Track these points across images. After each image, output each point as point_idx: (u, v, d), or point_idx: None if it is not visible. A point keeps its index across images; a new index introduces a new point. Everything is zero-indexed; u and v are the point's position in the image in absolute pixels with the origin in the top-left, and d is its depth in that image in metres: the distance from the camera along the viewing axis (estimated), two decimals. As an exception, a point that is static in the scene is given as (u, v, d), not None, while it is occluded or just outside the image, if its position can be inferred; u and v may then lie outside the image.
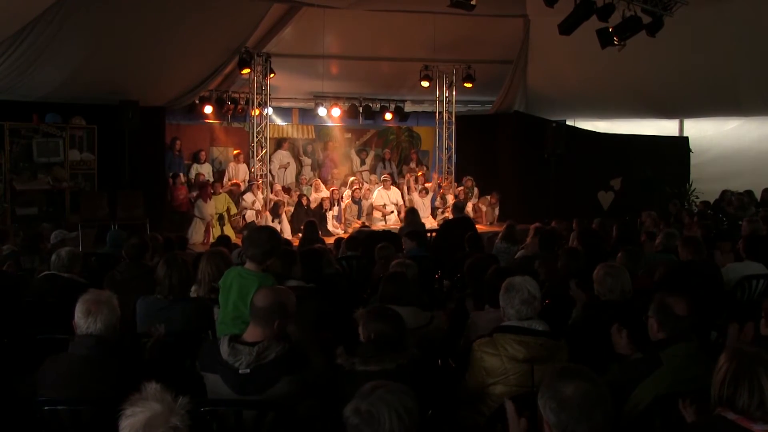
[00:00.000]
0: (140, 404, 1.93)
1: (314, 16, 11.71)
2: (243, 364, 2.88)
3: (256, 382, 2.87)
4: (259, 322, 3.06)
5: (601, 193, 13.81)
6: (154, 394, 1.95)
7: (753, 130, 13.91)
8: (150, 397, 1.94)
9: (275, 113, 14.59)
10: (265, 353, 2.91)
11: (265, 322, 3.04)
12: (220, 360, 2.93)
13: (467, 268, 4.94)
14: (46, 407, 2.83)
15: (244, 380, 2.87)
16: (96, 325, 3.01)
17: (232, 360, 2.91)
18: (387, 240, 7.71)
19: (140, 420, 1.91)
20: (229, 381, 2.90)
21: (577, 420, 2.05)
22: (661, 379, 2.89)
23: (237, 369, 2.88)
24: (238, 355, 2.91)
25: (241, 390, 2.87)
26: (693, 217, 8.93)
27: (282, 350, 2.94)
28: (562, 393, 2.08)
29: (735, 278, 5.35)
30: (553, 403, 2.08)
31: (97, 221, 10.53)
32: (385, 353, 3.01)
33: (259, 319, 3.06)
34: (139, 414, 1.92)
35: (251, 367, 2.88)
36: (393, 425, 1.99)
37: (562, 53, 12.32)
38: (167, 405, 1.93)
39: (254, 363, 2.89)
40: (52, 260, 5.03)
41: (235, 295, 3.77)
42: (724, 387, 2.25)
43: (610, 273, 4.10)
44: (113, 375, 2.93)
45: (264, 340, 2.97)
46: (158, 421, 1.89)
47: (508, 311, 3.35)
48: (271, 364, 2.89)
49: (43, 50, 9.59)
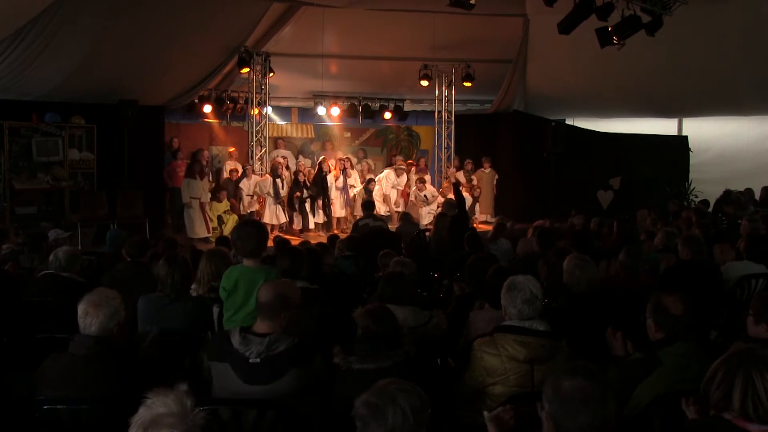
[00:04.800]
0: (161, 399, 1.94)
1: (313, 15, 11.72)
2: (254, 353, 2.94)
3: (265, 373, 2.92)
4: (265, 316, 3.11)
5: (600, 193, 13.82)
6: (177, 394, 1.95)
7: (752, 129, 13.91)
8: (172, 396, 1.95)
9: (274, 112, 14.58)
10: (275, 345, 2.96)
11: (270, 316, 3.09)
12: (231, 349, 2.97)
13: (467, 268, 4.94)
14: (45, 406, 2.83)
15: (253, 370, 2.92)
16: (96, 325, 3.01)
17: (243, 349, 2.96)
18: (386, 239, 7.74)
19: (152, 413, 1.92)
20: (238, 370, 2.94)
21: (566, 414, 2.10)
22: (661, 379, 2.90)
23: (247, 358, 2.93)
24: (249, 344, 2.97)
25: (249, 379, 2.92)
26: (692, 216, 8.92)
27: (291, 344, 2.99)
28: (561, 386, 2.14)
29: (735, 277, 5.34)
30: (550, 394, 2.16)
31: (96, 220, 10.54)
32: (380, 351, 3.02)
33: (264, 313, 3.11)
34: (154, 407, 1.93)
35: (261, 357, 2.93)
36: (396, 422, 2.03)
37: (562, 52, 12.33)
38: (181, 410, 1.93)
39: (264, 353, 2.94)
40: (51, 260, 5.02)
41: (242, 294, 3.79)
42: (719, 387, 2.25)
43: (579, 265, 4.28)
44: (113, 375, 2.93)
45: (273, 333, 3.01)
46: (166, 422, 1.90)
47: (509, 310, 3.34)
48: (280, 356, 2.94)
49: (43, 49, 9.58)
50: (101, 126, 11.23)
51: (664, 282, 4.97)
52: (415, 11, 11.85)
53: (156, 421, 1.90)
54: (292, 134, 14.92)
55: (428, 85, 13.53)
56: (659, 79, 12.10)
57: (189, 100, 12.90)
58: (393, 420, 2.03)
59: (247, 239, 3.91)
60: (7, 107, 10.60)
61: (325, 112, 14.08)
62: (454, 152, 14.54)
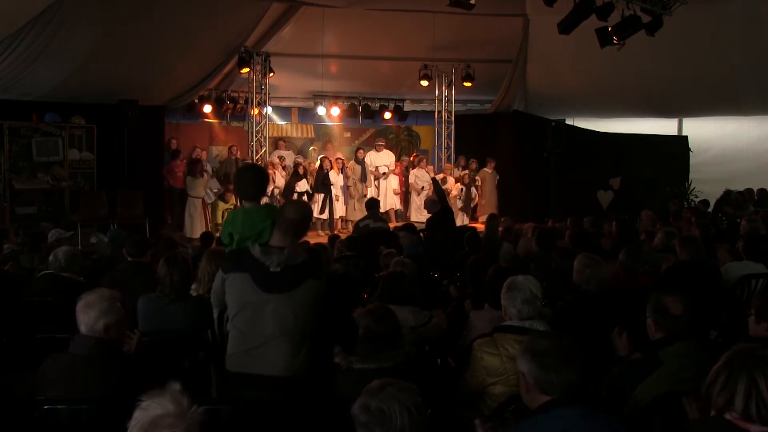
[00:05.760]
0: (156, 400, 1.93)
1: (313, 15, 11.72)
2: (274, 263, 3.13)
3: (284, 281, 3.12)
4: (288, 232, 3.26)
5: (600, 193, 13.81)
6: (172, 394, 1.95)
7: (752, 129, 13.91)
8: (167, 396, 1.94)
9: (274, 112, 14.58)
10: (293, 257, 3.17)
11: (294, 233, 3.28)
12: (252, 260, 3.16)
13: (467, 267, 4.94)
14: (45, 407, 2.83)
15: (273, 278, 3.12)
16: (96, 325, 3.01)
17: (264, 259, 3.15)
18: (386, 238, 7.73)
19: (149, 416, 1.91)
20: (258, 279, 3.14)
21: (547, 370, 2.29)
22: (661, 379, 2.90)
23: (268, 267, 3.13)
24: (269, 255, 3.15)
25: (268, 287, 3.12)
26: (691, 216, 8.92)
27: (307, 257, 3.22)
28: (538, 346, 2.36)
29: (734, 277, 5.34)
30: (529, 355, 2.35)
31: (96, 220, 10.53)
32: (381, 351, 3.03)
33: (289, 230, 3.27)
34: (150, 409, 1.92)
35: (282, 266, 3.13)
36: (404, 422, 2.01)
37: (562, 52, 12.33)
38: (179, 409, 1.93)
39: (284, 263, 3.13)
40: (51, 260, 5.02)
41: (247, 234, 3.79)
42: (721, 388, 2.24)
43: (590, 264, 4.22)
44: (113, 375, 2.92)
45: (290, 248, 3.20)
46: (165, 422, 1.89)
47: (509, 310, 3.34)
48: (299, 266, 3.16)
49: (43, 49, 9.58)
50: (101, 126, 11.23)
51: (663, 282, 4.96)
52: (415, 11, 11.84)
53: (155, 422, 1.89)
54: (292, 134, 14.92)
55: (428, 85, 13.52)
56: (659, 79, 12.10)
57: (189, 100, 12.89)
58: (401, 421, 2.01)
59: (246, 183, 3.98)
60: (7, 107, 10.60)
61: (325, 112, 14.07)
62: (454, 152, 14.54)
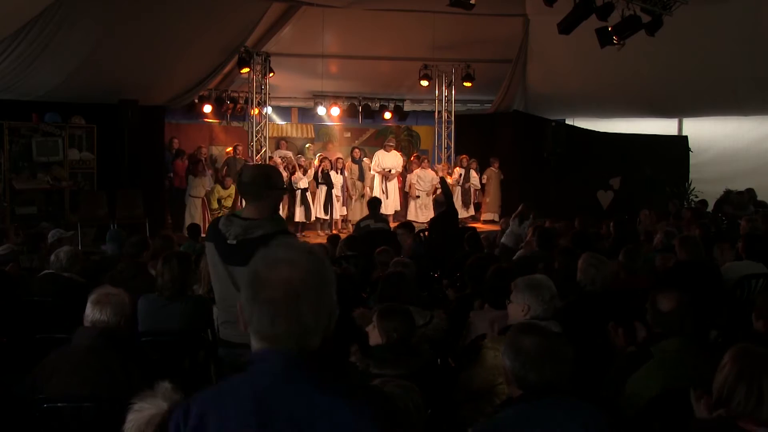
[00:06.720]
0: (149, 400, 1.94)
1: (313, 15, 11.71)
2: (231, 235, 3.08)
3: (239, 254, 2.98)
4: (249, 197, 3.25)
5: (600, 193, 13.81)
6: (164, 392, 1.95)
7: (752, 129, 13.90)
8: (160, 395, 1.95)
9: (274, 112, 14.58)
10: (253, 230, 3.07)
11: (253, 196, 3.21)
12: (216, 230, 3.16)
13: (467, 267, 4.94)
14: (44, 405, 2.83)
15: (230, 250, 3.08)
16: (101, 317, 3.03)
17: (224, 230, 3.12)
18: (385, 238, 7.73)
19: (145, 416, 1.92)
20: (220, 250, 3.14)
21: (529, 368, 2.30)
22: (652, 373, 2.93)
23: (226, 239, 3.10)
24: (230, 226, 3.12)
25: (227, 259, 3.10)
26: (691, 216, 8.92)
27: (269, 231, 3.06)
28: (520, 343, 2.36)
29: (735, 277, 5.35)
30: (511, 352, 2.36)
31: (96, 220, 10.53)
32: (401, 358, 3.05)
33: (248, 194, 3.26)
34: (145, 410, 1.93)
35: (238, 240, 3.07)
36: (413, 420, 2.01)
37: (562, 52, 12.33)
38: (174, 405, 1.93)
39: (242, 236, 3.06)
40: (51, 260, 5.02)
41: None
42: (726, 388, 2.24)
43: (594, 264, 4.24)
44: (115, 367, 2.93)
45: (259, 219, 3.12)
46: (163, 420, 1.89)
47: (535, 308, 3.32)
48: (255, 240, 3.01)
49: (43, 49, 9.57)
50: (101, 126, 11.21)
51: (662, 282, 4.96)
52: (415, 11, 11.84)
53: (151, 422, 1.90)
54: (292, 134, 14.91)
55: (428, 85, 13.50)
56: (659, 79, 12.09)
57: (189, 100, 12.89)
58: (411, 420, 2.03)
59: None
60: (7, 107, 10.59)
61: (325, 112, 14.07)
62: (454, 152, 14.54)
